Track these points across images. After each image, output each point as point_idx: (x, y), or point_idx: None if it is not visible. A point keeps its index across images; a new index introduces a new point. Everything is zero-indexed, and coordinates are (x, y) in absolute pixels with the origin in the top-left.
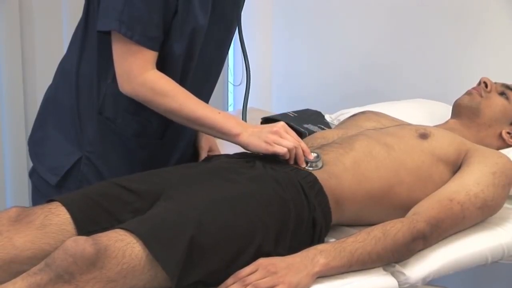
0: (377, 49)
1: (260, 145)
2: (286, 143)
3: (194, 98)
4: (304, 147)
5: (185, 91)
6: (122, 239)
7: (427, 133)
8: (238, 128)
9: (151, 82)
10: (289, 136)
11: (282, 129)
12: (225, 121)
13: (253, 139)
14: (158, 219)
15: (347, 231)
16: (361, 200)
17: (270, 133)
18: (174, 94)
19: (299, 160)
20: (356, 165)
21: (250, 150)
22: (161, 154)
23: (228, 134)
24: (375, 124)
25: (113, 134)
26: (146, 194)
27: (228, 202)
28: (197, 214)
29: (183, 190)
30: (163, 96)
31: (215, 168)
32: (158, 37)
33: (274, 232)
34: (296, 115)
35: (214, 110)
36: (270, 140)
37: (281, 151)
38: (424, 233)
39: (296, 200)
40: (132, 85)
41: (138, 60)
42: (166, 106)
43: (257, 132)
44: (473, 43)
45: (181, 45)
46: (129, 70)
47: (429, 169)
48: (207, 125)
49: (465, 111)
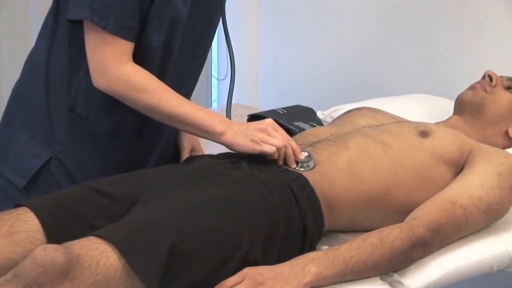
0: (374, 39)
1: (247, 144)
2: (275, 142)
3: (174, 93)
4: (294, 146)
5: (165, 86)
6: (96, 247)
7: (427, 131)
8: (222, 126)
9: (127, 76)
10: (278, 133)
11: (270, 126)
12: (208, 118)
13: (238, 138)
14: (135, 225)
15: (341, 237)
16: (356, 203)
17: (257, 131)
18: (152, 89)
19: (289, 160)
20: (351, 165)
21: (236, 150)
22: (138, 154)
23: (211, 133)
24: (371, 121)
25: (85, 133)
26: (122, 198)
27: (211, 206)
28: (178, 220)
29: (162, 193)
30: (141, 91)
31: (197, 170)
32: (134, 27)
33: (262, 239)
34: (285, 112)
35: (196, 107)
36: (257, 138)
37: (270, 150)
38: (424, 239)
39: (285, 204)
40: (106, 79)
41: (113, 52)
42: (143, 102)
43: (242, 130)
44: (477, 34)
45: (159, 36)
46: (103, 62)
47: (430, 169)
48: (189, 123)
49: (468, 107)
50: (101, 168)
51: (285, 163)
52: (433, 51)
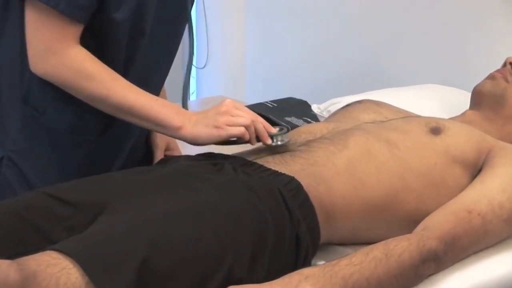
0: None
1: (210, 132)
2: (241, 120)
3: (125, 82)
4: (262, 120)
5: (115, 74)
6: (55, 264)
7: (439, 127)
8: (179, 119)
9: (73, 61)
10: (242, 111)
11: (230, 106)
12: (164, 110)
13: (199, 128)
14: (101, 237)
15: (340, 251)
16: (357, 211)
17: (218, 114)
18: (101, 77)
19: (262, 136)
20: (351, 167)
21: (200, 143)
22: (103, 154)
23: (168, 127)
24: (374, 116)
25: (42, 129)
26: (86, 207)
27: (189, 215)
28: (151, 231)
29: (132, 201)
30: (88, 79)
31: (173, 173)
32: (90, 6)
33: (248, 253)
34: (275, 106)
35: (151, 97)
36: (221, 123)
37: (238, 131)
38: (437, 253)
39: (275, 213)
40: (48, 64)
41: (58, 34)
42: (91, 91)
43: (201, 118)
44: (498, 16)
45: (123, 15)
46: (46, 45)
47: (443, 172)
48: (142, 115)
49: (487, 99)
50: (60, 171)
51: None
52: (447, 34)
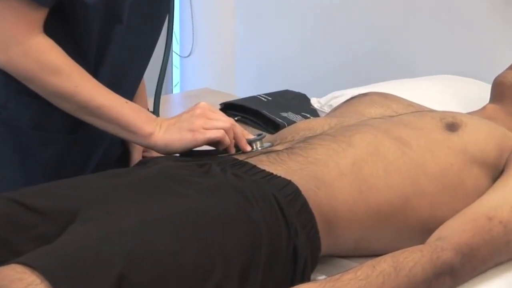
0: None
1: (185, 137)
2: (220, 124)
3: (93, 80)
4: (238, 126)
5: (82, 69)
6: (20, 278)
7: (457, 123)
8: (150, 124)
9: (37, 52)
10: (218, 115)
11: (206, 108)
12: (133, 114)
13: (172, 133)
14: (72, 249)
15: (343, 264)
16: (363, 219)
17: (193, 117)
18: (69, 72)
19: (241, 141)
20: (356, 167)
21: (173, 150)
22: (74, 155)
23: (137, 133)
24: (383, 111)
25: (3, 126)
26: (55, 214)
27: (172, 224)
28: (128, 242)
29: (107, 208)
30: (53, 72)
31: (153, 176)
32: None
33: (239, 266)
34: (269, 99)
35: (120, 99)
36: (197, 126)
37: (217, 134)
38: (453, 265)
39: (269, 221)
40: (9, 54)
41: (21, 21)
42: (55, 87)
43: (174, 123)
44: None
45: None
46: (7, 33)
47: (460, 173)
48: (110, 118)
49: (510, 92)
50: (25, 173)
51: (238, 150)
52: (465, 18)
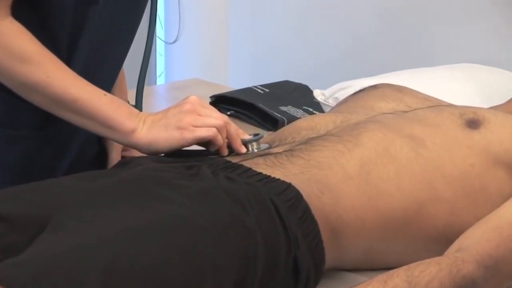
0: None
1: (172, 135)
2: (212, 121)
3: (67, 69)
4: (233, 125)
5: (56, 59)
6: None
7: (478, 120)
8: (132, 120)
9: (5, 37)
10: (210, 111)
11: (196, 103)
12: (113, 108)
13: (158, 131)
14: (43, 260)
15: (350, 279)
16: (372, 227)
17: (182, 113)
18: (40, 60)
19: (235, 142)
20: (364, 170)
21: (158, 150)
22: (44, 155)
23: (117, 129)
24: (395, 105)
25: None
26: (24, 222)
27: (156, 232)
28: (107, 253)
29: (83, 214)
30: (23, 60)
31: (134, 179)
32: None
33: (232, 280)
34: (267, 91)
35: (98, 91)
36: (186, 123)
37: (208, 133)
38: (475, 280)
39: (266, 229)
40: None
41: None
42: (25, 76)
43: (159, 119)
44: None
45: None
46: None
47: (482, 176)
48: (86, 112)
49: None
50: None
51: (231, 151)
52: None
